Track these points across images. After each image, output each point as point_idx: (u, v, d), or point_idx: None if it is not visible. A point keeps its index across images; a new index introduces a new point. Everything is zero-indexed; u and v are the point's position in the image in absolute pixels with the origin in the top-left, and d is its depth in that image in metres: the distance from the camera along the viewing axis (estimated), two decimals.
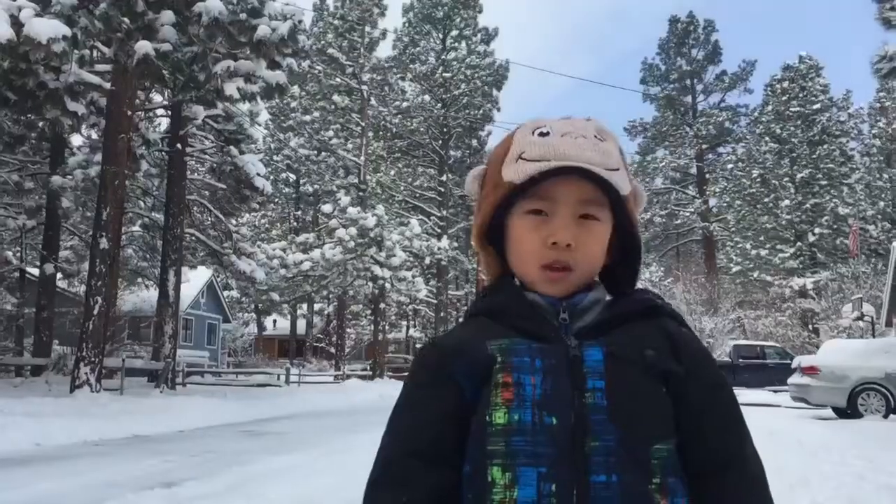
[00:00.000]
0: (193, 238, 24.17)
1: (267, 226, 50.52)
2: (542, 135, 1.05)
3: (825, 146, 42.60)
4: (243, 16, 14.88)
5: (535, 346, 1.02)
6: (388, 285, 33.39)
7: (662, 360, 1.01)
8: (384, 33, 41.55)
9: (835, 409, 15.07)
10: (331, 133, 41.80)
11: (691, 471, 1.00)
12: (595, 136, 1.04)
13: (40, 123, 18.46)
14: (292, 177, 48.23)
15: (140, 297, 29.23)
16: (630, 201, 1.07)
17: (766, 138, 44.25)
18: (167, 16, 14.67)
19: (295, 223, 49.15)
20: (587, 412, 0.96)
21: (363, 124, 39.86)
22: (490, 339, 1.03)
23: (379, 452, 1.05)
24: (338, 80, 41.01)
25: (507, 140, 1.11)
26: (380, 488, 1.02)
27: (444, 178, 46.62)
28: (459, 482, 1.01)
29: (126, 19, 14.20)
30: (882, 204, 42.11)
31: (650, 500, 0.94)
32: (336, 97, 41.08)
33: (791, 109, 43.42)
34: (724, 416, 1.04)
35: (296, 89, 40.43)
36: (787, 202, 41.29)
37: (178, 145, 21.33)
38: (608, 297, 1.10)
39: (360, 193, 37.87)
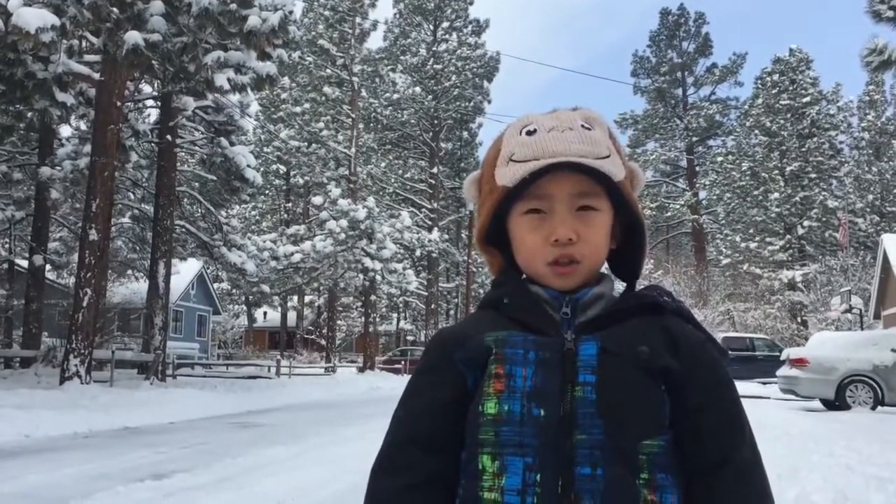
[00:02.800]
0: (183, 230, 24.06)
1: (257, 217, 50.38)
2: (529, 133, 1.05)
3: (815, 139, 42.78)
4: (233, 6, 14.78)
5: (530, 338, 1.03)
6: (378, 277, 33.36)
7: (657, 358, 1.00)
8: (375, 24, 41.42)
9: (823, 401, 15.15)
10: (321, 124, 41.68)
11: (689, 470, 1.01)
12: (582, 126, 1.05)
13: (29, 114, 18.31)
14: (283, 168, 48.03)
15: (130, 288, 29.14)
16: (626, 184, 1.07)
17: (756, 131, 44.40)
18: (157, 6, 14.58)
19: (285, 215, 49.00)
20: (576, 405, 0.98)
21: (353, 116, 39.75)
22: (489, 331, 1.05)
23: (384, 439, 1.08)
24: (328, 71, 40.87)
25: (497, 142, 1.12)
26: (381, 474, 1.05)
27: (434, 170, 46.56)
28: (458, 468, 1.03)
29: (115, 9, 14.11)
30: (871, 197, 42.37)
31: (636, 494, 0.95)
32: (326, 88, 40.96)
33: (781, 102, 43.54)
34: (720, 417, 1.03)
35: (286, 80, 40.27)
36: (776, 195, 41.45)
37: (168, 136, 21.18)
38: (616, 292, 1.10)
39: (351, 185, 37.80)
